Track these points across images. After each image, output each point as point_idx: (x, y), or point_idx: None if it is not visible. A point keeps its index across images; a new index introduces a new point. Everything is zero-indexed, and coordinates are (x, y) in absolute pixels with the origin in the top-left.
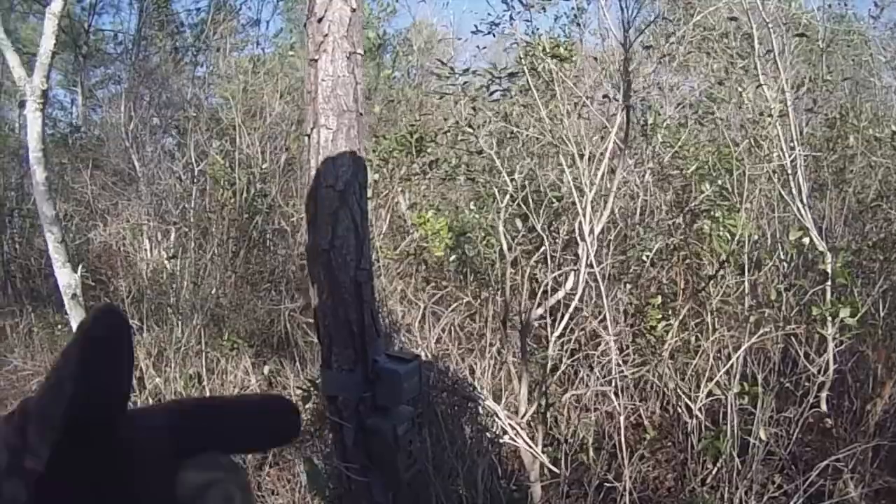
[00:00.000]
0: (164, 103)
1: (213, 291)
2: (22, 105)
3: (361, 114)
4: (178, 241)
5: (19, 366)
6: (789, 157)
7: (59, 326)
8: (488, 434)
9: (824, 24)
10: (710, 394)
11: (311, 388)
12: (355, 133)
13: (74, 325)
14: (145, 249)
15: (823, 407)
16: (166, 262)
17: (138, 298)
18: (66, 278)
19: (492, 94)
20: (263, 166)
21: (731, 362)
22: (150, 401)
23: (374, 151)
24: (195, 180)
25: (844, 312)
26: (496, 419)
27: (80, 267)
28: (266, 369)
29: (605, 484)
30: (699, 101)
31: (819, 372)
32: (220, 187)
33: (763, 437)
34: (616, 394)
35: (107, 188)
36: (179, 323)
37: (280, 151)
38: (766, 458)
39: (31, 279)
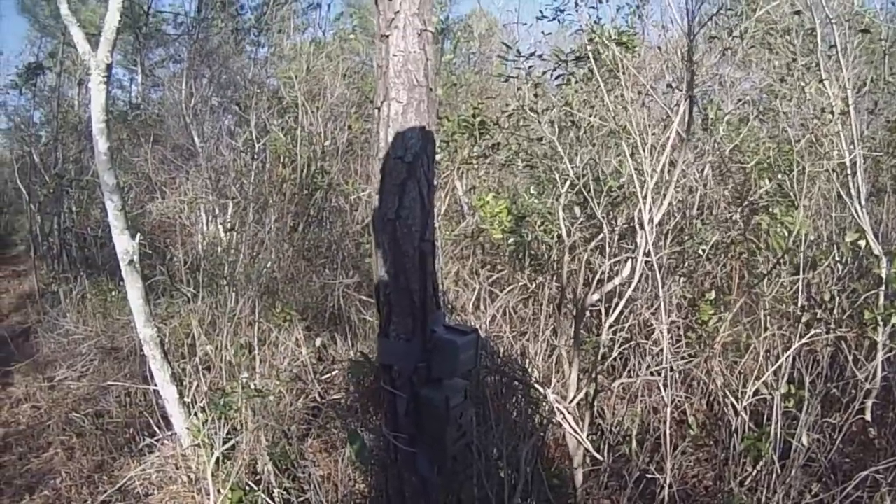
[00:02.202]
0: (224, 83)
1: (269, 265)
2: (81, 83)
3: (431, 89)
4: (235, 216)
5: (71, 330)
6: (849, 156)
7: (112, 293)
8: (535, 418)
9: (887, 25)
10: (756, 393)
11: (364, 362)
12: (425, 107)
13: (131, 292)
14: (202, 222)
15: (868, 416)
16: (223, 234)
17: (194, 268)
18: (125, 245)
19: (557, 77)
20: (326, 143)
21: (780, 362)
22: (201, 367)
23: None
24: (255, 156)
25: None
26: (543, 403)
27: (137, 235)
28: (318, 341)
29: (646, 476)
30: (759, 98)
31: (866, 379)
32: (280, 163)
33: (805, 442)
34: (665, 385)
35: (165, 162)
36: (234, 293)
37: (341, 131)
38: (805, 464)
39: (86, 248)
